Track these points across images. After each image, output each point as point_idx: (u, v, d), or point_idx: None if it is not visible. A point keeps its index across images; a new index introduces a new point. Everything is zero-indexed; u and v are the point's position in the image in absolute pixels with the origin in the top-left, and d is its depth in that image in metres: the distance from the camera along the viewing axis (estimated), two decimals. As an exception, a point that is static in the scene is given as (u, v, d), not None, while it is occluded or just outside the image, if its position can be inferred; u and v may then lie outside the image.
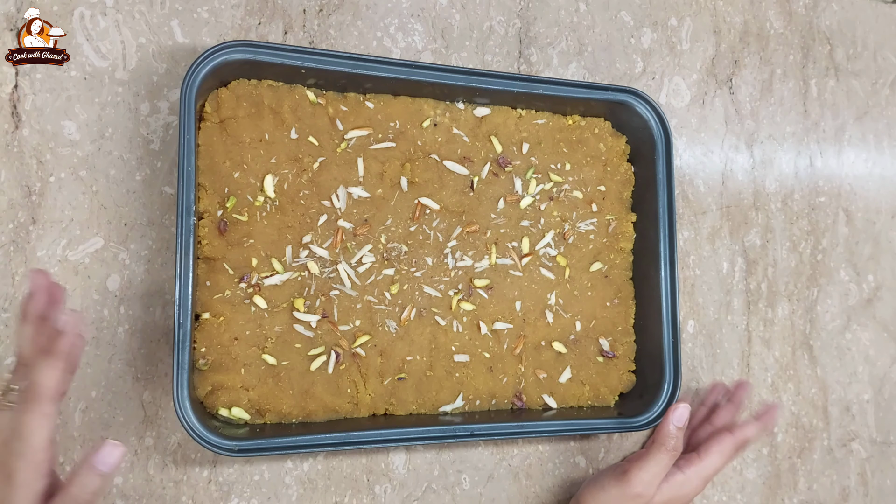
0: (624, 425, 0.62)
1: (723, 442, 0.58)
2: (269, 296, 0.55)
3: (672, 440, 0.55)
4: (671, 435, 0.56)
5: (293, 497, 0.58)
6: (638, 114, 0.64)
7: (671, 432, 0.56)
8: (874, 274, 0.82)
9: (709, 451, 0.58)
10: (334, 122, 0.58)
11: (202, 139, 0.54)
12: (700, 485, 0.58)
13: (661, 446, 0.56)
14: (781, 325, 0.76)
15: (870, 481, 0.79)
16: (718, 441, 0.58)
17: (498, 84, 0.60)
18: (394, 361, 0.58)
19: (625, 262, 0.66)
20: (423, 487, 0.61)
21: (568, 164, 0.64)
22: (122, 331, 0.54)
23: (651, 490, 0.56)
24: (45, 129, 0.54)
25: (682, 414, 0.56)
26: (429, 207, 0.60)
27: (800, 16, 0.80)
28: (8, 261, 0.52)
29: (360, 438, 0.55)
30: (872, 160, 0.83)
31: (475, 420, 0.59)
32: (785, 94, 0.79)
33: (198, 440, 0.50)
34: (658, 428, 0.57)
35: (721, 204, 0.74)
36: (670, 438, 0.55)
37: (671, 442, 0.55)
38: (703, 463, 0.58)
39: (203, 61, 0.52)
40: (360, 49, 0.62)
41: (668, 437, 0.55)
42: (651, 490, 0.56)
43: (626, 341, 0.66)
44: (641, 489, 0.55)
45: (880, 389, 0.81)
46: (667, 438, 0.55)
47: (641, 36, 0.72)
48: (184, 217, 0.51)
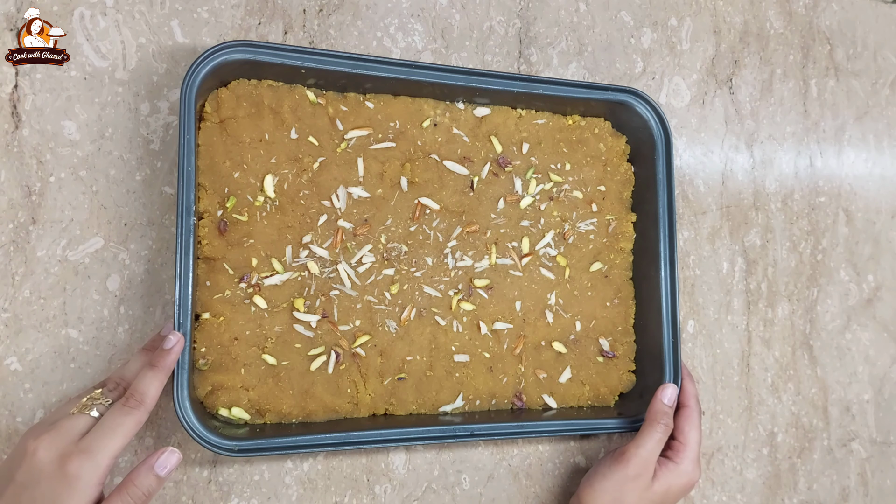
0: (624, 425, 0.62)
1: (691, 417, 0.61)
2: (269, 296, 0.55)
3: (664, 417, 0.58)
4: (664, 412, 0.59)
5: (293, 497, 0.58)
6: (638, 114, 0.64)
7: (664, 409, 0.59)
8: (874, 274, 0.82)
9: (683, 431, 0.60)
10: (334, 122, 0.58)
11: (202, 139, 0.54)
12: (693, 469, 0.59)
13: (653, 422, 0.58)
14: (781, 325, 0.76)
15: (870, 481, 0.79)
16: (687, 418, 0.61)
17: (498, 84, 0.60)
18: (394, 361, 0.58)
19: (625, 262, 0.66)
20: (423, 487, 0.61)
21: (568, 164, 0.64)
22: (122, 331, 0.54)
23: (649, 469, 0.57)
24: (45, 129, 0.54)
25: (672, 393, 0.60)
26: (429, 207, 0.60)
27: (800, 16, 0.80)
28: (8, 261, 0.52)
29: (360, 438, 0.55)
30: (872, 160, 0.83)
31: (475, 420, 0.59)
32: (785, 94, 0.79)
33: (198, 440, 0.50)
34: (649, 408, 0.59)
35: (721, 204, 0.74)
36: (663, 415, 0.59)
37: (664, 419, 0.58)
38: (688, 446, 0.60)
39: (203, 61, 0.52)
40: (360, 49, 0.62)
41: (660, 413, 0.59)
42: (649, 469, 0.57)
43: (626, 341, 0.66)
44: (640, 468, 0.57)
45: (880, 389, 0.81)
46: (660, 415, 0.59)
47: (641, 36, 0.72)
48: (184, 217, 0.51)
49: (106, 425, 0.45)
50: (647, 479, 0.57)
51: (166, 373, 0.48)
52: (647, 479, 0.57)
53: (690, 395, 0.62)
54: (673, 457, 0.59)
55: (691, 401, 0.62)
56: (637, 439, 0.58)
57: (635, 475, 0.57)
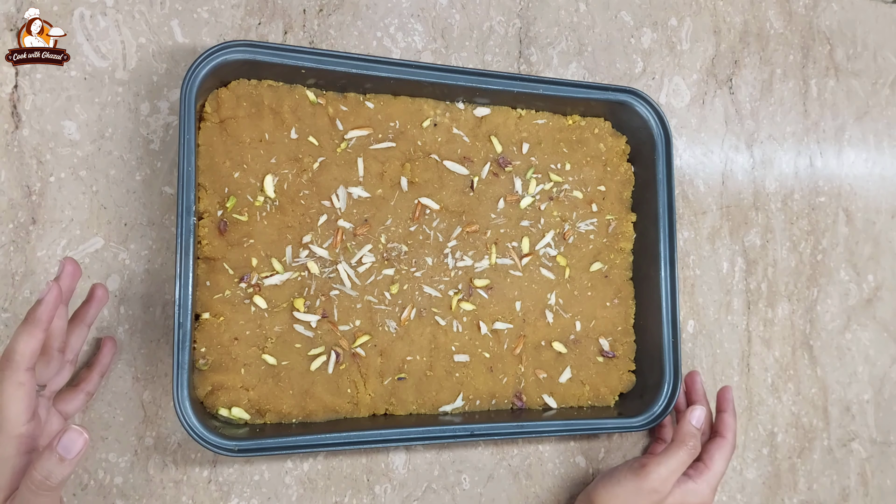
0: (624, 425, 0.62)
1: (724, 448, 0.60)
2: (269, 296, 0.55)
3: (692, 439, 0.57)
4: (692, 434, 0.57)
5: (293, 497, 0.58)
6: (638, 114, 0.64)
7: (692, 431, 0.57)
8: (874, 274, 0.82)
9: (713, 458, 0.60)
10: (334, 122, 0.58)
11: (202, 139, 0.54)
12: (709, 493, 0.59)
13: (681, 444, 0.57)
14: (781, 325, 0.76)
15: (870, 481, 0.79)
16: (720, 448, 0.60)
17: (498, 84, 0.60)
18: (394, 361, 0.58)
19: (625, 262, 0.66)
20: (423, 487, 0.61)
21: (568, 164, 0.64)
22: (122, 331, 0.54)
23: (667, 487, 0.56)
24: (45, 129, 0.54)
25: (700, 415, 0.58)
26: (429, 207, 0.60)
27: (800, 16, 0.80)
28: (8, 261, 0.52)
29: (360, 438, 0.55)
30: (872, 160, 0.83)
31: (475, 420, 0.59)
32: (785, 94, 0.79)
33: (198, 440, 0.50)
34: (678, 428, 0.58)
35: (721, 204, 0.74)
36: (691, 437, 0.57)
37: (691, 441, 0.57)
38: (711, 471, 0.59)
39: (203, 61, 0.52)
40: (360, 49, 0.62)
41: (688, 435, 0.57)
42: (667, 487, 0.56)
43: (626, 341, 0.66)
44: (658, 484, 0.56)
45: (880, 389, 0.81)
46: (687, 437, 0.57)
47: (641, 36, 0.72)
48: (184, 217, 0.51)
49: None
50: (662, 495, 0.56)
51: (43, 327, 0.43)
52: (663, 495, 0.56)
53: (730, 428, 0.62)
54: (694, 476, 0.59)
55: (729, 434, 0.61)
56: (660, 456, 0.57)
57: (651, 490, 0.56)
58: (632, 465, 0.58)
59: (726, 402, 0.64)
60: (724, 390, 0.65)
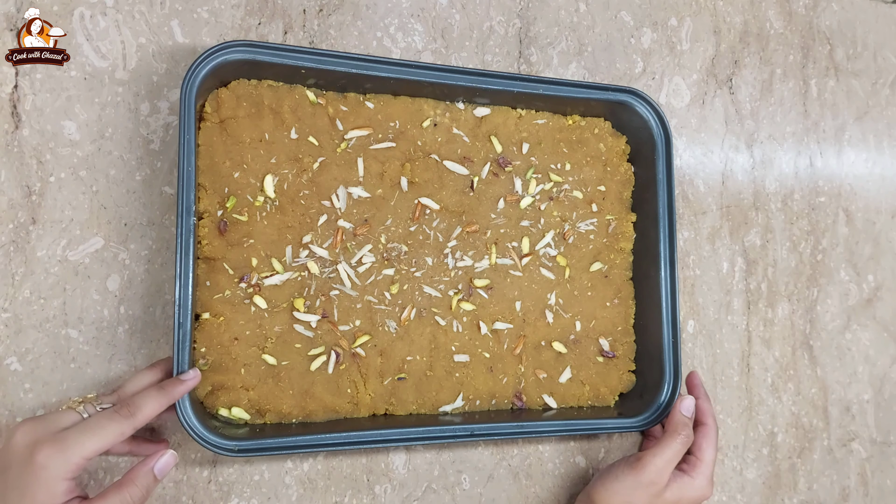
0: (624, 425, 0.62)
1: (709, 435, 0.61)
2: (269, 296, 0.55)
3: (684, 429, 0.58)
4: (683, 423, 0.59)
5: (293, 497, 0.58)
6: (638, 114, 0.64)
7: (683, 421, 0.59)
8: (874, 274, 0.82)
9: (701, 448, 0.60)
10: (334, 122, 0.58)
11: (202, 139, 0.54)
12: (706, 485, 0.59)
13: (674, 433, 0.58)
14: (781, 325, 0.76)
15: (870, 481, 0.79)
16: (705, 436, 0.61)
17: (498, 84, 0.60)
18: (394, 361, 0.58)
19: (625, 262, 0.66)
20: (423, 487, 0.61)
21: (568, 164, 0.64)
22: (122, 331, 0.54)
23: (663, 478, 0.57)
24: (45, 129, 0.54)
25: (690, 404, 0.60)
26: (429, 207, 0.60)
27: (800, 16, 0.80)
28: (8, 261, 0.52)
29: (360, 438, 0.55)
30: (872, 160, 0.83)
31: (475, 420, 0.59)
32: (785, 94, 0.79)
33: (198, 440, 0.50)
34: (668, 419, 0.60)
35: (721, 204, 0.74)
36: (683, 427, 0.58)
37: (684, 430, 0.58)
38: (704, 462, 0.59)
39: (203, 61, 0.52)
40: (360, 49, 0.62)
41: (680, 424, 0.58)
42: (663, 478, 0.57)
43: (626, 341, 0.66)
44: (655, 476, 0.56)
45: (880, 389, 0.81)
46: (679, 426, 0.58)
47: (641, 36, 0.72)
48: (184, 217, 0.51)
49: (87, 424, 0.44)
50: (659, 487, 0.57)
51: (170, 400, 0.48)
52: (660, 487, 0.57)
53: (707, 413, 0.62)
54: (688, 470, 0.59)
55: (708, 419, 0.62)
56: (655, 448, 0.57)
57: (649, 482, 0.56)
58: (628, 460, 0.59)
59: (697, 389, 0.64)
60: (692, 376, 0.65)
